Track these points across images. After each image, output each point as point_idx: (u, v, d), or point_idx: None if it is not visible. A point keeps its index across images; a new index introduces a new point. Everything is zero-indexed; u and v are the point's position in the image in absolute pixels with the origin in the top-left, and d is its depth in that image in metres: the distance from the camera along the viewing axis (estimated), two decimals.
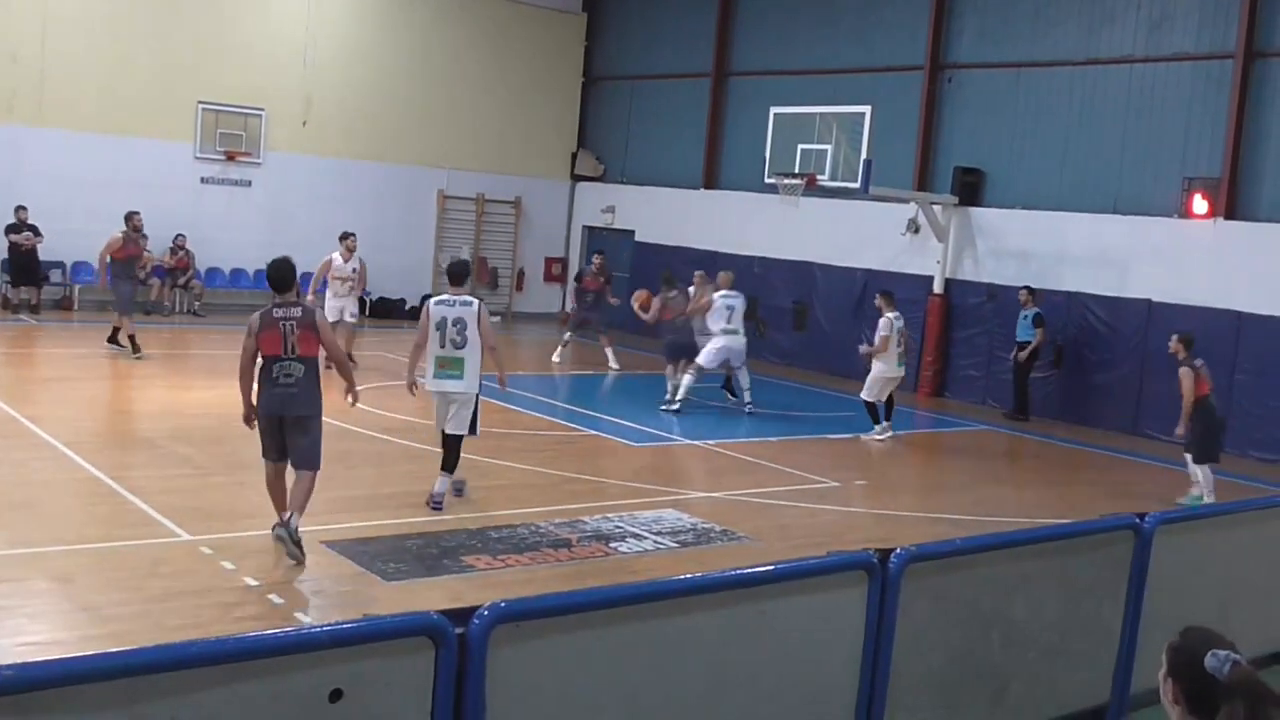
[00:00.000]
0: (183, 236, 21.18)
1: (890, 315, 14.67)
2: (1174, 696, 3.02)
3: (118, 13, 20.81)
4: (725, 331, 15.28)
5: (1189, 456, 12.12)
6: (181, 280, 21.25)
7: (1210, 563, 6.51)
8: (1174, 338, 12.77)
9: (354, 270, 16.67)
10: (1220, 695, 2.90)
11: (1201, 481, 11.90)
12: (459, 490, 9.96)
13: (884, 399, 14.76)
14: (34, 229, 19.52)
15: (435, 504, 9.55)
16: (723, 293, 15.55)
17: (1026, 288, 17.10)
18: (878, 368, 14.58)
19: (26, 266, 19.51)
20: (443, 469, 9.65)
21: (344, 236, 17.00)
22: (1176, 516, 6.28)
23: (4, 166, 20.08)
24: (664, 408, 15.19)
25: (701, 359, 15.31)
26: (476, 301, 9.71)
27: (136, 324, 16.50)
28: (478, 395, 9.64)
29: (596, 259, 19.60)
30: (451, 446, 9.64)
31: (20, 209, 19.44)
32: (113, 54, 20.77)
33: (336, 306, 16.47)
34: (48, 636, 6.44)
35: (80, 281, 20.83)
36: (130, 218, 16.26)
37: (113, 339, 16.24)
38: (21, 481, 9.59)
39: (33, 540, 8.05)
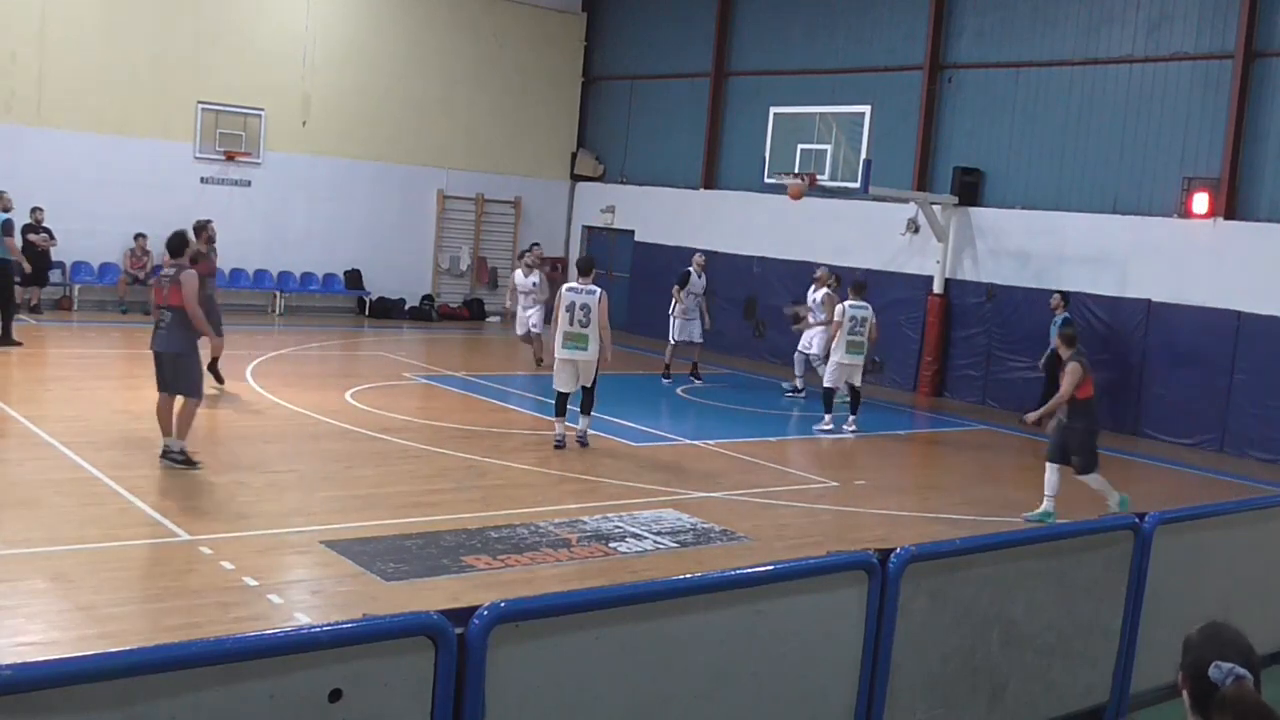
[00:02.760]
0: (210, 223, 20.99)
1: (848, 302, 14.72)
2: (1181, 690, 3.06)
3: (117, 12, 20.81)
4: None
5: (1053, 466, 10.89)
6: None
7: (1210, 563, 6.51)
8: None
9: (534, 284, 17.74)
10: (1215, 705, 2.92)
11: (1099, 488, 10.87)
12: (583, 439, 12.35)
13: (842, 385, 14.81)
14: (48, 231, 19.46)
15: (581, 440, 12.38)
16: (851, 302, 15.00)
17: (1060, 292, 16.43)
18: (833, 355, 14.75)
19: (36, 268, 19.41)
20: (583, 412, 12.45)
21: (522, 255, 18.26)
22: (1176, 516, 6.27)
23: (3, 167, 20.07)
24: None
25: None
26: (599, 290, 12.16)
27: (136, 325, 16.48)
28: (597, 360, 12.19)
29: (534, 250, 19.00)
30: (587, 394, 12.39)
31: (36, 210, 19.37)
32: (113, 54, 20.76)
33: (524, 319, 17.76)
34: (46, 636, 6.44)
35: (79, 281, 20.82)
36: (203, 229, 14.29)
37: (213, 367, 14.00)
38: (21, 481, 9.59)
39: (32, 540, 8.05)
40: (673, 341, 17.96)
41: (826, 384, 14.92)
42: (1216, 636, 3.13)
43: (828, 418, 14.70)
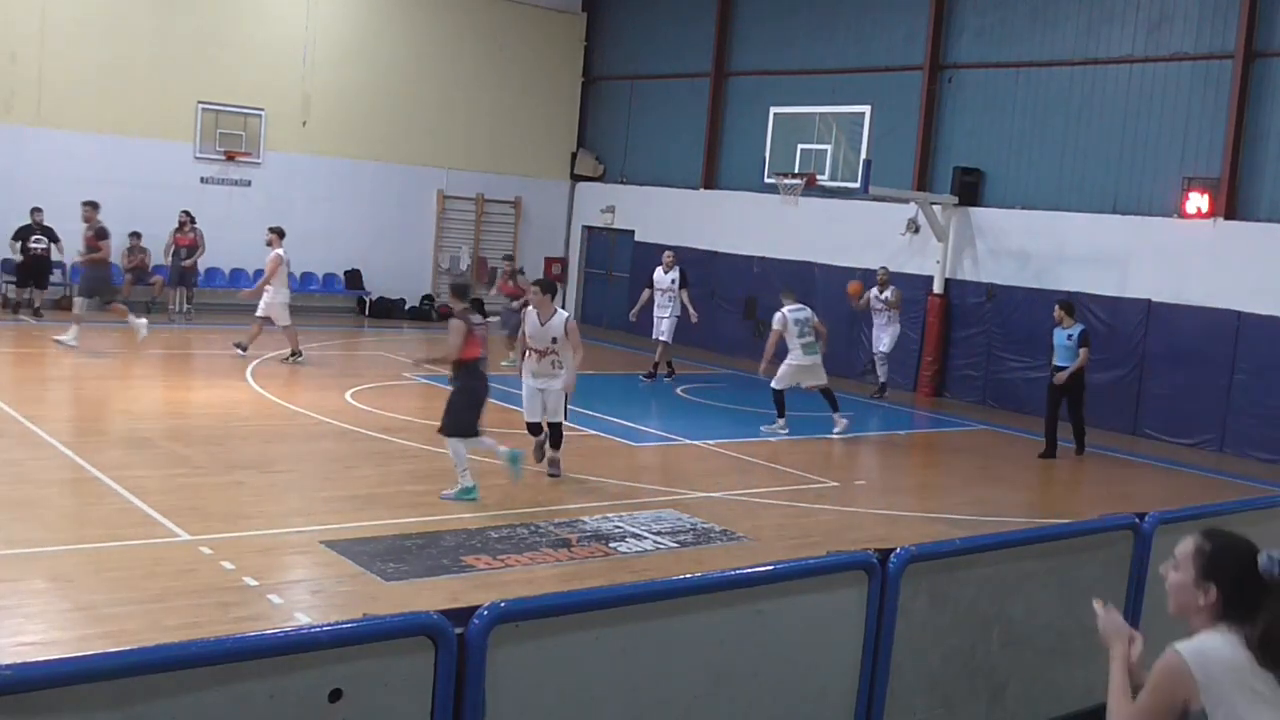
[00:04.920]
0: (186, 213, 20.92)
1: (786, 309, 14.51)
2: (1209, 602, 3.00)
3: (117, 12, 20.81)
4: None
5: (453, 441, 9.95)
6: (187, 260, 20.87)
7: None
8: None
9: (672, 281, 17.95)
10: (1264, 595, 2.90)
11: (455, 456, 9.94)
12: (554, 471, 11.05)
13: (810, 387, 14.59)
14: (49, 231, 19.37)
15: (551, 473, 11.06)
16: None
17: (1062, 302, 14.67)
18: (787, 357, 14.48)
19: (38, 270, 19.35)
20: (552, 445, 11.12)
21: (665, 254, 18.66)
22: (1176, 516, 6.27)
23: (3, 167, 20.08)
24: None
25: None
26: (566, 314, 11.16)
27: (129, 325, 16.48)
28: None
29: (506, 264, 19.30)
30: (555, 429, 11.11)
31: (36, 211, 19.32)
32: (112, 54, 20.77)
33: (660, 318, 17.98)
34: (46, 636, 6.44)
35: (79, 281, 20.77)
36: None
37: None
38: (21, 481, 9.58)
39: (32, 540, 8.05)
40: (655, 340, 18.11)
41: (776, 386, 14.39)
42: (1232, 537, 3.14)
43: (781, 421, 14.32)
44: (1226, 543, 3.10)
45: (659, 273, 18.28)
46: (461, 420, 9.87)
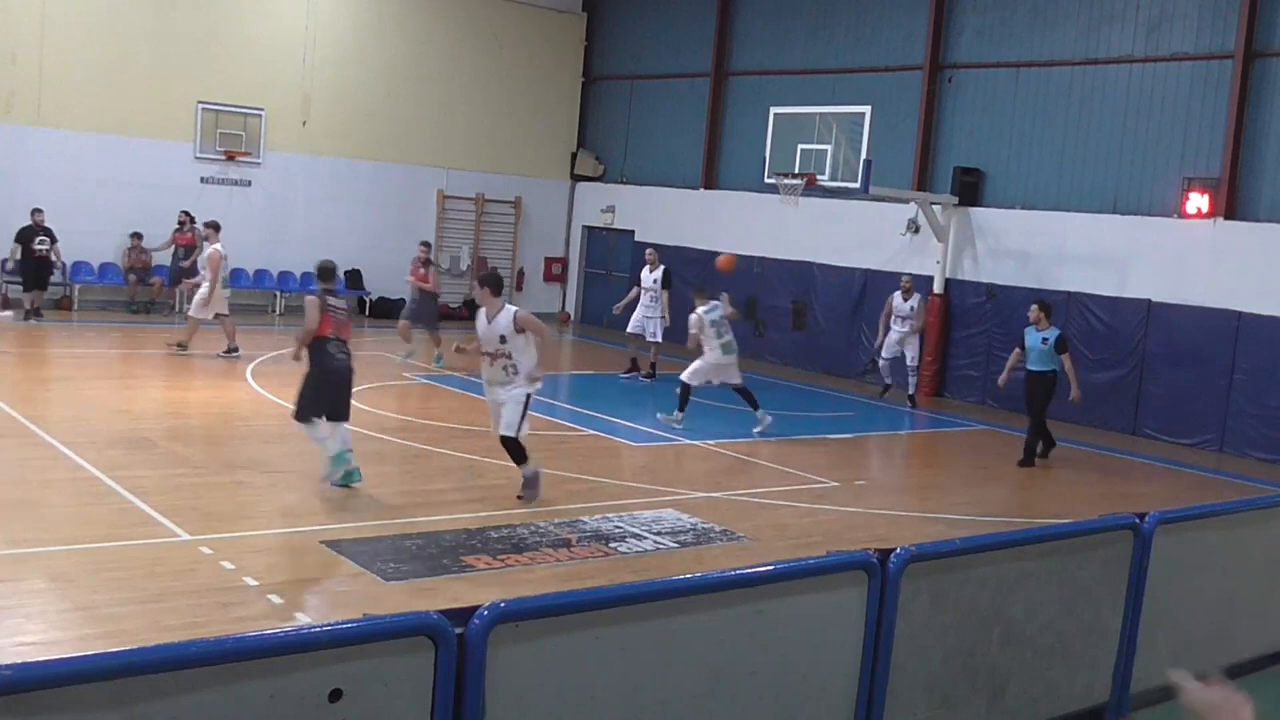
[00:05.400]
0: (185, 213, 20.90)
1: (700, 310, 14.04)
2: None
3: (117, 13, 20.81)
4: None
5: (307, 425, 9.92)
6: (185, 260, 20.83)
7: (1210, 563, 6.51)
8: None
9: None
10: None
11: (313, 436, 9.96)
12: (529, 489, 9.98)
13: (727, 385, 14.33)
14: (49, 232, 19.31)
15: (521, 495, 9.97)
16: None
17: (1039, 303, 13.88)
18: (705, 356, 14.14)
19: (40, 271, 19.27)
20: (516, 463, 9.98)
21: (648, 251, 18.50)
22: (1176, 516, 6.27)
23: (4, 167, 20.08)
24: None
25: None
26: (514, 309, 9.93)
27: (135, 325, 16.46)
28: (524, 400, 9.83)
29: (421, 249, 18.27)
30: (508, 446, 9.91)
31: (37, 211, 19.24)
32: (112, 54, 20.77)
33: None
34: (46, 636, 6.44)
35: (79, 281, 20.80)
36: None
37: None
38: (21, 481, 9.58)
39: (32, 540, 8.05)
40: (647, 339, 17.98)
41: (688, 380, 14.04)
42: None
43: (679, 414, 14.00)
44: None
45: (645, 271, 18.23)
46: (302, 404, 9.79)
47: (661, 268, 18.15)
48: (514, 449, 9.85)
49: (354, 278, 23.65)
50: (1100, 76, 17.53)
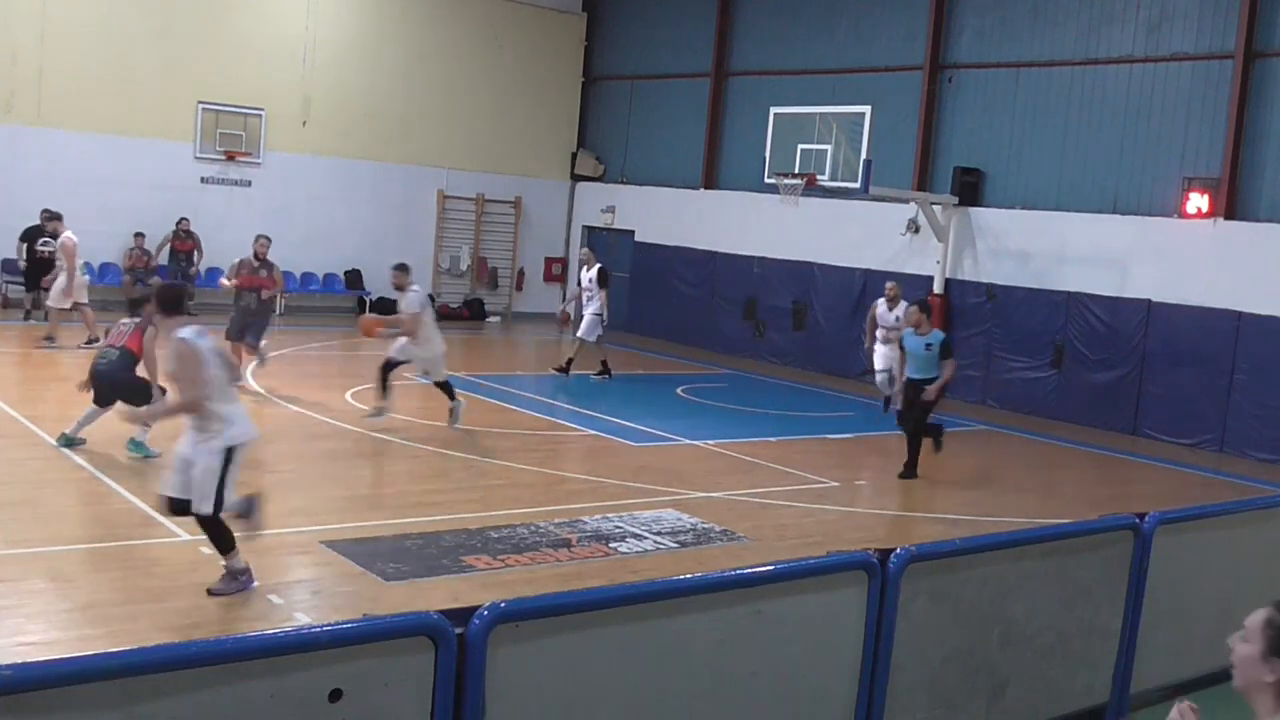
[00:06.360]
0: (185, 220, 20.97)
1: (413, 290, 13.20)
2: (1272, 677, 2.76)
3: (118, 13, 20.81)
4: None
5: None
6: (188, 267, 20.85)
7: (1210, 563, 6.51)
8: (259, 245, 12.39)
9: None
10: None
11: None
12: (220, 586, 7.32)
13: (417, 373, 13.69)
14: (56, 233, 19.30)
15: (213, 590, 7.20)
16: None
17: (920, 302, 13.01)
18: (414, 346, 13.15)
19: (44, 272, 19.20)
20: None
21: (581, 250, 18.11)
22: (1176, 516, 6.27)
23: (4, 167, 20.08)
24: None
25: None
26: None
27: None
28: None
29: (262, 242, 14.79)
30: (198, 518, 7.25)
31: (45, 211, 19.22)
32: (113, 54, 20.77)
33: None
34: (46, 636, 6.44)
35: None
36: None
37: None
38: (21, 481, 9.58)
39: (32, 540, 8.05)
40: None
41: (394, 356, 13.03)
42: None
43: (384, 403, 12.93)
44: None
45: (582, 271, 18.08)
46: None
47: (597, 266, 17.88)
48: (203, 524, 7.18)
49: (354, 278, 23.65)
50: (1100, 76, 17.52)
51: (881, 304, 15.99)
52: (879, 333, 15.95)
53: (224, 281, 13.58)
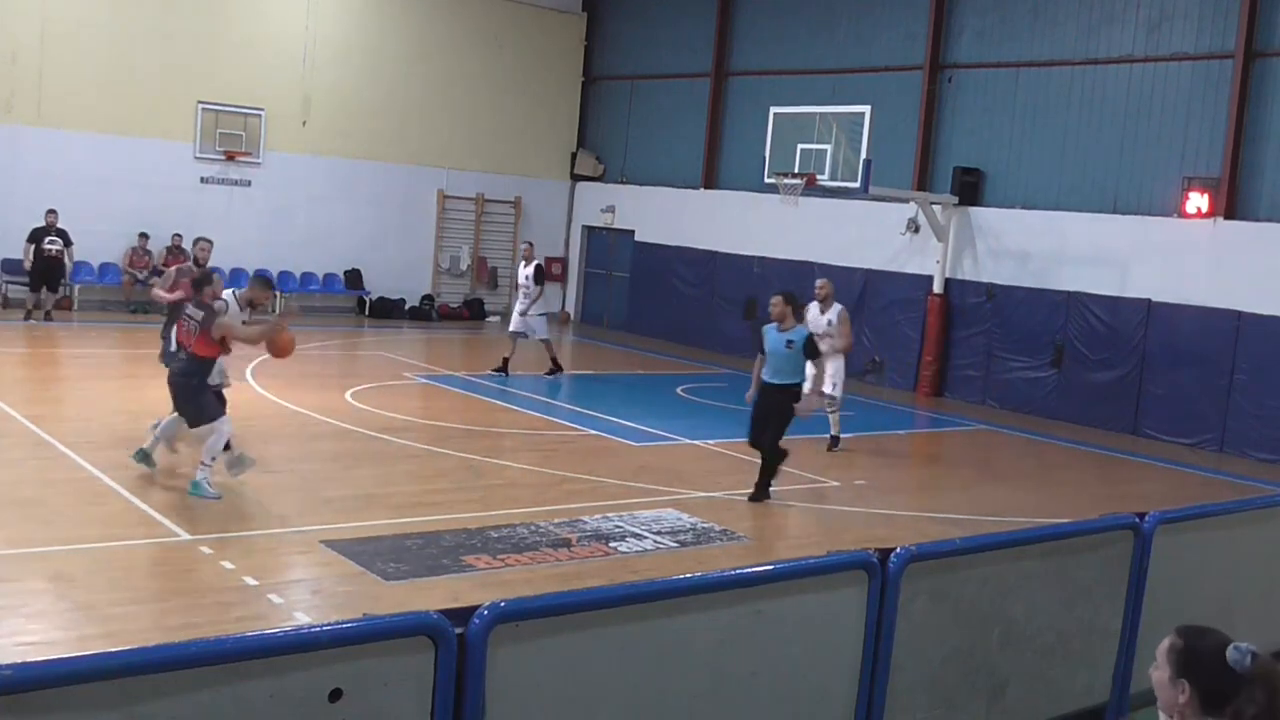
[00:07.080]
0: (179, 236, 21.05)
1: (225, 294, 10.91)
2: (1186, 699, 2.96)
3: (117, 13, 20.81)
4: None
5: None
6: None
7: (1210, 563, 6.51)
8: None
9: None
10: (1239, 686, 2.89)
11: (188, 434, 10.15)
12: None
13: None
14: (63, 234, 19.29)
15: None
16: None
17: (786, 294, 10.98)
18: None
19: (50, 272, 19.22)
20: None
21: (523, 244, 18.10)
22: (1176, 516, 6.27)
23: (4, 167, 20.08)
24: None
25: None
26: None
27: (135, 324, 16.45)
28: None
29: (204, 245, 12.81)
30: None
31: (50, 213, 19.24)
32: (113, 54, 20.77)
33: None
34: (46, 636, 6.44)
35: (80, 281, 20.78)
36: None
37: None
38: (21, 481, 9.58)
39: (32, 539, 8.05)
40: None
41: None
42: (1203, 632, 3.11)
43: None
44: (1196, 638, 3.04)
45: (520, 268, 17.76)
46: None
47: (535, 263, 17.51)
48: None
49: (354, 278, 23.66)
50: (1100, 76, 17.53)
51: (814, 307, 13.25)
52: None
53: (159, 293, 11.70)
